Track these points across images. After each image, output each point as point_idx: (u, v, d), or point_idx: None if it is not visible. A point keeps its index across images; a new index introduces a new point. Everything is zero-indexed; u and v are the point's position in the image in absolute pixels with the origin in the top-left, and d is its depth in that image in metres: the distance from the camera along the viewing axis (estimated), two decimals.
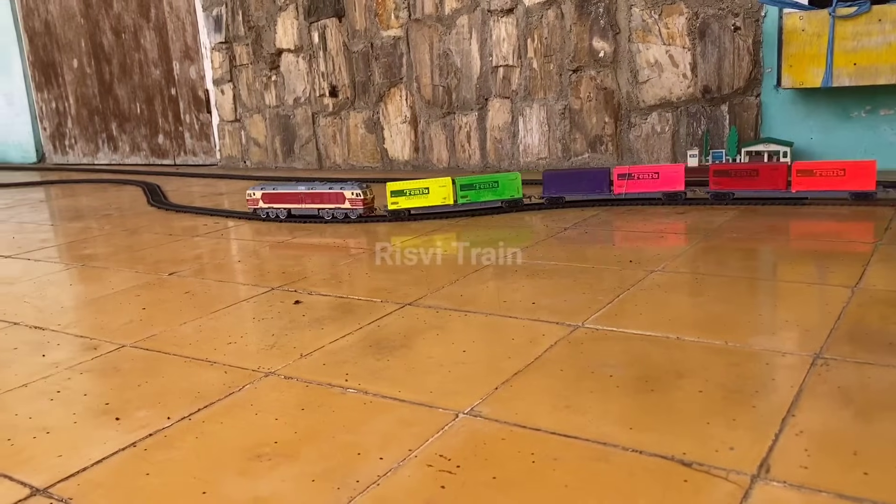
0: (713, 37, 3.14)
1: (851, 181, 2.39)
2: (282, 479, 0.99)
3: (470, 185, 2.73)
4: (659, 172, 2.63)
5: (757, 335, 1.36)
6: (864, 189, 2.38)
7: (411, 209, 2.76)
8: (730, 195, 2.57)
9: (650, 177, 2.64)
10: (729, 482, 0.90)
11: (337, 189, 2.77)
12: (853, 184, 2.39)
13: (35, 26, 6.24)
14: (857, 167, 2.39)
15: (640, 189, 2.67)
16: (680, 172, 2.61)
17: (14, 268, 2.43)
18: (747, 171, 2.52)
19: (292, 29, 4.47)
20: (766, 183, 2.50)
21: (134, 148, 5.82)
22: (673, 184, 2.62)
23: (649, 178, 2.65)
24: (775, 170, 2.49)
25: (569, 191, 2.76)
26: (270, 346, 1.50)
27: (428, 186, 2.73)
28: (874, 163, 2.39)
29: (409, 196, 2.75)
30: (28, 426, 1.21)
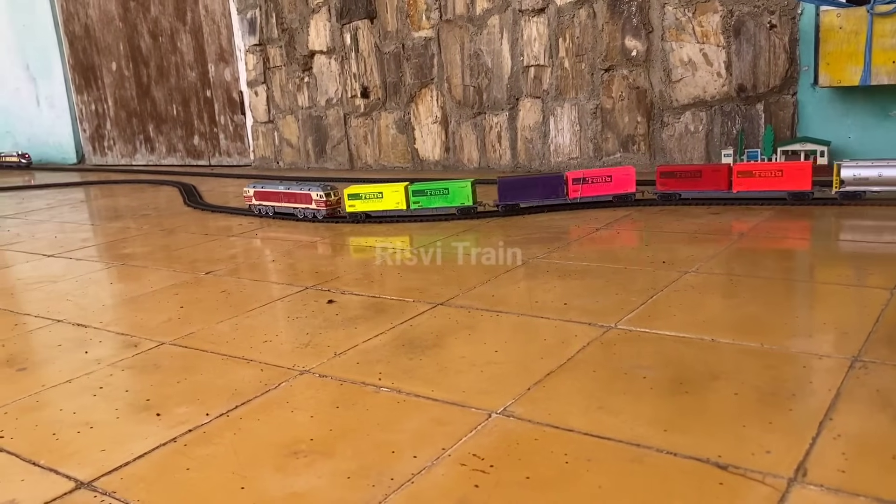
0: (748, 35, 3.10)
1: (789, 181, 2.48)
2: (318, 476, 1.01)
3: (421, 191, 2.76)
4: (612, 176, 2.70)
5: (793, 337, 1.34)
6: (801, 189, 2.46)
7: (368, 212, 2.83)
8: (676, 196, 2.64)
9: (603, 180, 2.71)
10: (765, 485, 0.89)
11: (306, 190, 2.92)
12: (790, 184, 2.48)
13: (75, 30, 6.38)
14: (793, 168, 2.48)
15: (594, 193, 2.72)
16: (631, 175, 2.68)
17: (57, 266, 2.49)
18: (691, 173, 2.62)
19: (325, 31, 4.52)
20: (709, 184, 2.59)
21: (170, 149, 5.92)
22: (624, 186, 2.68)
23: (602, 182, 2.71)
24: (717, 171, 2.58)
25: (524, 197, 2.77)
26: (305, 344, 1.52)
27: (382, 191, 2.79)
28: (810, 164, 2.49)
29: (364, 199, 2.82)
30: (72, 421, 1.24)
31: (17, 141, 7.22)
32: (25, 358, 1.59)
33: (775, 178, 2.48)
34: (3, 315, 1.93)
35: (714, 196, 2.60)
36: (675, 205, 2.62)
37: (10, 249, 2.86)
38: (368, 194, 2.80)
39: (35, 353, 1.63)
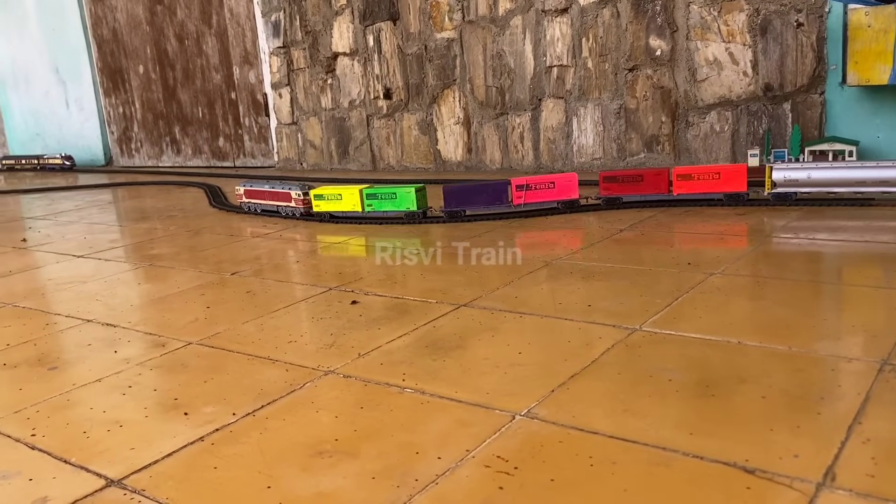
0: (775, 33, 3.07)
1: (726, 184, 2.56)
2: (343, 476, 1.01)
3: (374, 194, 2.87)
4: (554, 182, 2.71)
5: (822, 340, 1.33)
6: (737, 190, 2.55)
7: (332, 212, 2.98)
8: (618, 200, 2.70)
9: (546, 186, 2.72)
10: (793, 490, 0.88)
11: (287, 190, 3.11)
12: (727, 186, 2.56)
13: (103, 34, 6.48)
14: (730, 170, 2.57)
15: (538, 199, 2.74)
16: (573, 181, 2.69)
17: (86, 267, 2.53)
18: (633, 177, 2.68)
19: (348, 33, 4.54)
20: (651, 188, 2.66)
21: (196, 151, 5.99)
22: (568, 192, 2.69)
23: (546, 188, 2.72)
24: (658, 175, 2.65)
25: (469, 204, 2.79)
26: (329, 345, 1.53)
27: (341, 193, 2.94)
28: (745, 166, 2.57)
29: (327, 200, 2.98)
30: (102, 419, 1.27)
31: (46, 143, 7.35)
32: (56, 357, 1.62)
33: (713, 180, 2.58)
34: (35, 315, 1.97)
35: (655, 199, 2.66)
36: (619, 208, 2.68)
37: (40, 250, 2.91)
38: (330, 196, 2.96)
39: (66, 353, 1.65)
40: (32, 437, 1.22)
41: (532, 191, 2.73)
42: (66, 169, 6.46)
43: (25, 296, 2.19)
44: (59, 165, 6.49)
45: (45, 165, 6.57)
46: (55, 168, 6.50)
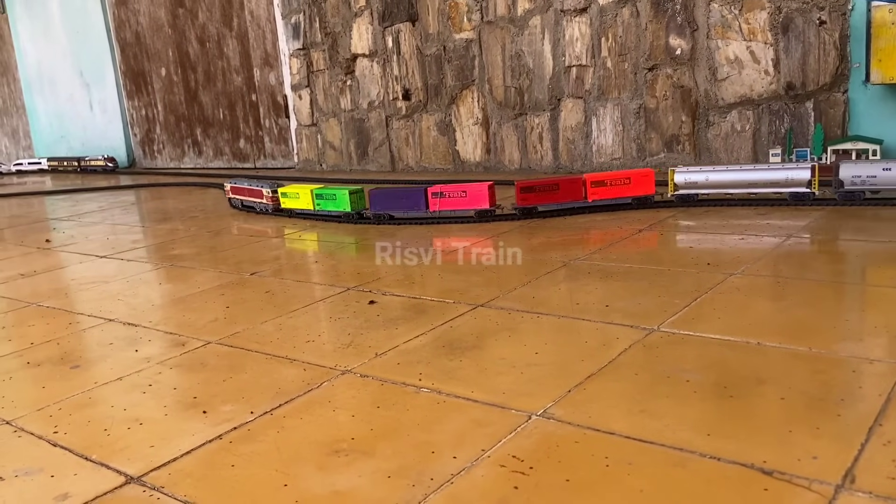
0: (797, 31, 3.04)
1: (635, 188, 2.64)
2: (359, 475, 1.02)
3: (321, 195, 3.07)
4: (466, 191, 2.74)
5: (843, 341, 1.31)
6: (645, 194, 2.65)
7: (292, 209, 3.23)
8: (535, 209, 2.73)
9: (459, 195, 2.75)
10: (812, 492, 0.87)
11: (259, 188, 3.39)
12: (636, 190, 2.65)
13: (126, 37, 6.56)
14: (639, 175, 2.65)
15: (451, 207, 2.77)
16: (484, 191, 2.70)
17: (108, 267, 2.56)
18: (549, 186, 2.71)
19: (367, 34, 4.56)
20: (566, 195, 2.70)
21: (217, 152, 6.05)
22: (479, 202, 2.71)
23: (458, 197, 2.75)
24: (573, 183, 2.70)
25: (392, 208, 2.88)
26: (347, 344, 1.54)
27: (299, 192, 3.18)
28: (652, 171, 2.65)
29: (289, 198, 3.23)
30: (123, 417, 1.28)
31: (71, 145, 7.46)
32: (79, 356, 1.64)
33: (624, 185, 2.66)
34: (59, 314, 2.00)
35: (571, 206, 2.71)
36: (541, 217, 2.70)
37: (65, 251, 2.96)
38: (292, 194, 3.22)
39: (88, 352, 1.68)
40: (54, 435, 1.23)
41: (446, 198, 2.77)
42: (108, 170, 6.49)
43: (49, 296, 2.22)
44: (101, 167, 6.53)
45: (88, 167, 6.62)
46: (97, 169, 6.54)
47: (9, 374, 1.56)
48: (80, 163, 6.70)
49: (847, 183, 2.41)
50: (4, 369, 1.60)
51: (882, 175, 2.35)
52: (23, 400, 1.41)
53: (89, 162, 6.61)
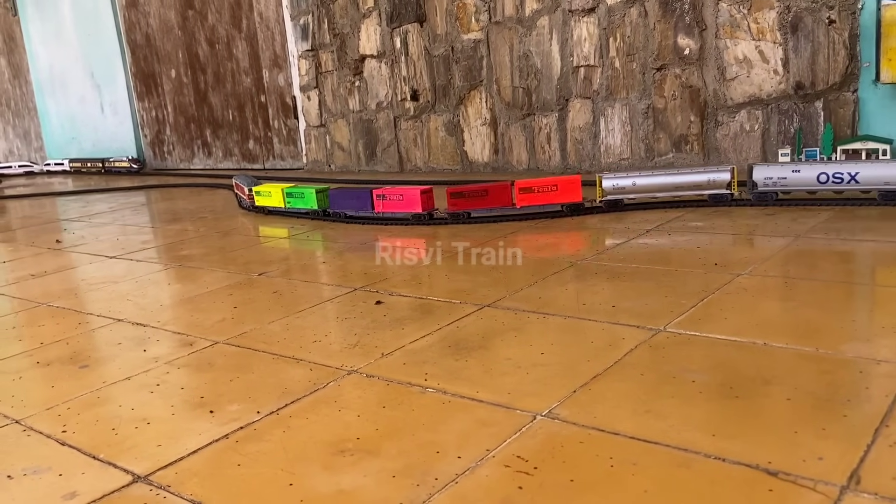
0: (806, 31, 3.02)
1: (563, 195, 2.66)
2: (364, 474, 1.02)
3: (290, 193, 3.25)
4: (403, 195, 2.83)
5: (850, 342, 1.30)
6: (572, 201, 2.66)
7: (266, 207, 3.40)
8: (465, 214, 2.75)
9: (397, 198, 2.86)
10: (817, 493, 0.87)
11: (243, 185, 3.63)
12: (564, 197, 2.66)
13: (137, 39, 6.60)
14: (565, 182, 2.66)
15: (391, 209, 2.89)
16: (417, 196, 2.78)
17: (118, 268, 2.58)
18: (478, 192, 2.74)
19: (375, 35, 4.57)
20: (495, 201, 2.72)
21: (226, 153, 6.07)
22: (413, 206, 2.80)
23: (397, 200, 2.86)
24: (502, 189, 2.71)
25: (347, 207, 3.04)
26: (353, 345, 1.54)
27: (270, 191, 3.36)
28: (579, 177, 2.67)
29: (263, 196, 3.41)
30: (131, 417, 1.29)
31: (82, 147, 7.51)
32: (88, 356, 1.65)
33: (552, 192, 2.67)
34: (68, 314, 2.01)
35: (500, 213, 2.72)
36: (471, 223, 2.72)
37: (75, 251, 2.98)
38: (265, 192, 3.39)
39: (97, 351, 1.69)
40: (63, 434, 1.24)
41: (387, 200, 2.89)
42: (133, 172, 6.45)
43: (59, 296, 2.24)
44: (126, 168, 6.49)
45: (112, 168, 6.59)
46: (122, 171, 6.50)
47: (19, 374, 1.58)
48: (104, 164, 6.68)
49: (760, 184, 2.52)
50: (14, 369, 1.61)
51: (792, 177, 2.47)
52: (32, 399, 1.43)
53: (114, 163, 6.58)
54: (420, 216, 2.81)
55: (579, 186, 2.65)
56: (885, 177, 2.33)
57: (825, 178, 2.41)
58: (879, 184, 2.36)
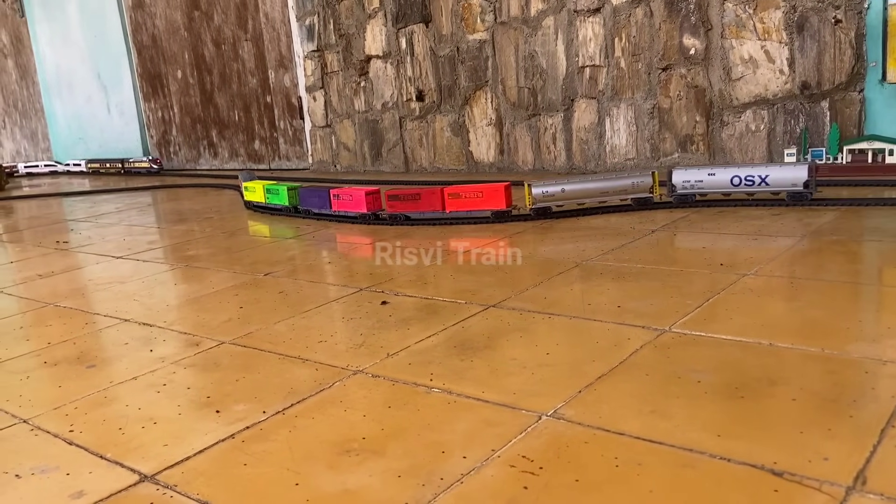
0: (812, 31, 3.01)
1: (488, 202, 2.70)
2: (369, 474, 1.02)
3: (268, 189, 3.48)
4: (352, 195, 3.00)
5: (856, 342, 1.30)
6: (497, 208, 2.69)
7: (252, 201, 3.64)
8: (402, 216, 2.86)
9: (347, 198, 3.03)
10: (822, 493, 0.87)
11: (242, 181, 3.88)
12: (488, 204, 2.70)
13: (143, 40, 6.62)
14: (491, 189, 2.69)
15: (344, 208, 3.05)
16: (363, 197, 2.93)
17: (125, 268, 2.59)
18: (413, 196, 2.84)
19: (381, 35, 4.58)
20: (427, 205, 2.80)
21: (232, 154, 6.09)
22: (358, 206, 2.97)
23: (347, 200, 3.03)
24: (433, 194, 2.78)
25: (312, 205, 3.23)
26: (359, 345, 1.55)
27: (255, 188, 3.58)
28: (503, 185, 2.69)
29: (250, 192, 3.66)
30: (137, 416, 1.30)
31: (88, 147, 7.54)
32: (95, 356, 1.66)
33: (477, 198, 2.72)
34: (75, 314, 2.02)
35: (432, 217, 2.80)
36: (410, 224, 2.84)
37: (82, 251, 2.99)
38: (251, 188, 3.64)
39: (104, 351, 1.70)
40: (70, 433, 1.25)
41: (340, 200, 3.06)
42: (153, 172, 6.39)
43: (66, 296, 2.25)
44: (146, 169, 6.42)
45: (132, 169, 6.53)
46: (142, 171, 6.44)
47: (26, 374, 1.59)
48: (123, 164, 6.63)
49: (679, 187, 2.62)
50: (22, 368, 1.62)
51: (708, 180, 2.57)
52: (40, 399, 1.43)
53: (133, 164, 6.53)
54: (366, 216, 2.96)
55: (503, 194, 2.68)
56: (792, 179, 2.44)
57: (738, 181, 2.52)
58: (787, 186, 2.46)
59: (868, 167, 2.84)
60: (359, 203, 2.97)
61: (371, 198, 2.95)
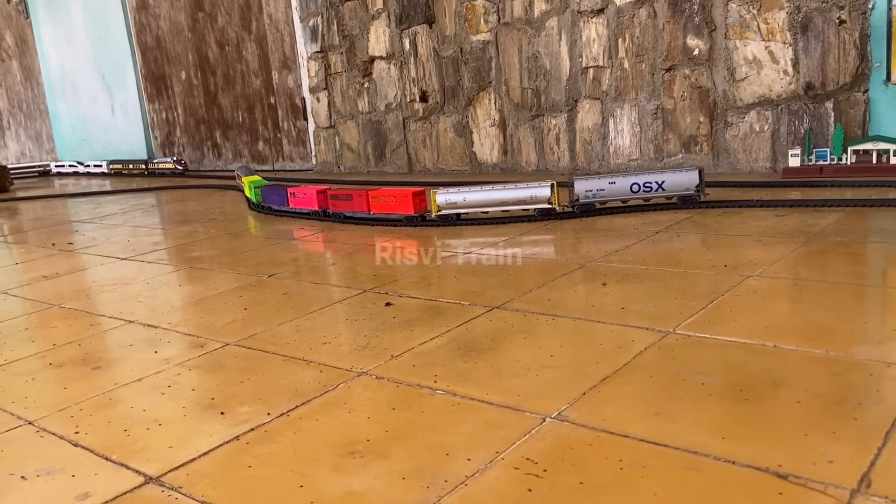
0: (816, 31, 3.01)
1: (399, 206, 2.89)
2: (374, 476, 1.03)
3: (249, 185, 3.77)
4: (305, 194, 3.26)
5: (861, 344, 1.30)
6: (406, 213, 2.87)
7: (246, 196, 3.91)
8: (342, 215, 3.10)
9: (302, 196, 3.27)
10: (827, 496, 0.87)
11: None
12: (400, 209, 2.89)
13: (147, 41, 6.64)
14: (401, 195, 2.89)
15: (299, 206, 3.30)
16: (313, 195, 3.21)
17: (129, 269, 2.60)
18: (346, 196, 3.09)
19: (384, 36, 4.58)
20: (358, 206, 3.03)
21: (236, 154, 6.10)
22: (311, 204, 3.22)
23: (302, 198, 3.27)
24: (361, 196, 3.02)
25: (272, 202, 3.50)
26: (363, 346, 1.55)
27: (246, 182, 3.85)
28: (411, 192, 2.87)
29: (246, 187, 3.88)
30: (142, 418, 1.30)
31: (93, 148, 7.56)
32: (100, 357, 1.67)
33: (392, 203, 2.93)
34: (80, 316, 2.03)
35: (362, 216, 3.02)
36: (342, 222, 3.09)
37: (86, 253, 3.00)
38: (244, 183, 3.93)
39: (108, 353, 1.70)
40: (76, 435, 1.26)
41: (296, 198, 3.31)
42: (178, 174, 6.23)
43: (71, 297, 2.26)
44: (170, 170, 6.29)
45: (156, 170, 6.41)
46: (166, 173, 6.32)
47: (31, 375, 1.59)
48: (147, 165, 6.52)
49: (581, 196, 2.69)
50: (27, 370, 1.63)
51: (609, 188, 2.66)
52: (45, 400, 1.44)
53: (157, 165, 6.41)
54: (316, 213, 3.21)
55: (410, 201, 2.86)
56: (686, 183, 2.61)
57: (637, 188, 2.64)
58: (680, 190, 2.62)
59: (872, 168, 2.83)
60: (311, 201, 3.23)
61: (321, 195, 3.20)
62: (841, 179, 2.83)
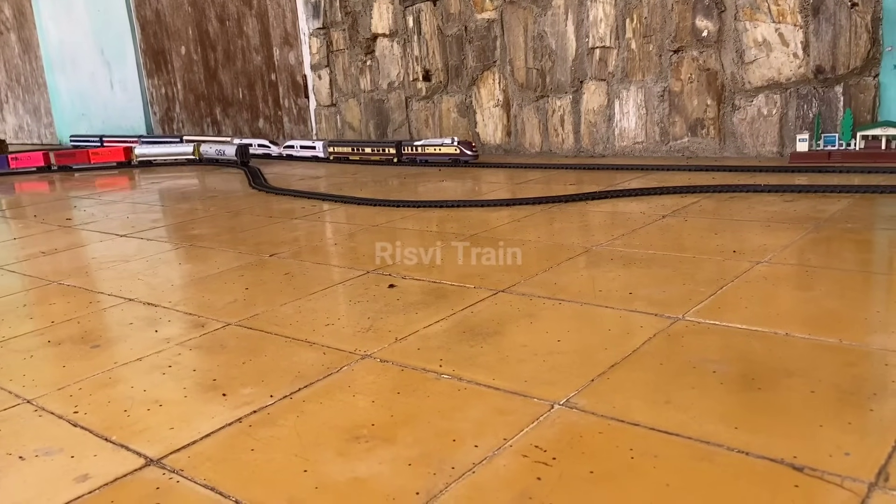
0: (828, 14, 2.96)
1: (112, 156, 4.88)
2: (379, 462, 1.01)
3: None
4: (30, 157, 5.08)
5: (875, 333, 1.28)
6: (118, 160, 4.93)
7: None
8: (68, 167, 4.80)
9: (26, 158, 5.06)
10: (844, 489, 0.85)
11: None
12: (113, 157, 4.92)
13: (146, 15, 6.55)
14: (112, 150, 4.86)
15: (22, 165, 5.10)
16: (40, 156, 5.04)
17: (129, 246, 2.57)
18: (70, 154, 5.02)
19: (387, 14, 4.51)
20: (80, 159, 4.96)
21: (236, 132, 6.04)
22: (36, 161, 5.02)
23: (25, 159, 5.06)
24: (83, 153, 4.94)
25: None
26: (366, 329, 1.53)
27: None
28: (122, 148, 4.83)
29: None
30: (143, 398, 1.28)
31: (91, 124, 7.49)
32: (99, 335, 1.64)
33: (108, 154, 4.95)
34: (79, 293, 2.00)
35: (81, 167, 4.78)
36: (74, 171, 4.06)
37: (85, 229, 2.97)
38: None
39: (108, 331, 1.68)
40: (75, 415, 1.24)
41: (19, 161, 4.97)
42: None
43: (70, 274, 2.23)
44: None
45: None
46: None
47: (30, 353, 1.57)
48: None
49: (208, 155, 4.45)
50: (25, 347, 1.61)
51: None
52: (43, 379, 1.42)
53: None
54: (41, 168, 5.00)
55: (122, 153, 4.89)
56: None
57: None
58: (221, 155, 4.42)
59: (882, 154, 2.80)
60: (35, 160, 4.97)
61: (46, 157, 4.97)
62: (849, 165, 2.80)
